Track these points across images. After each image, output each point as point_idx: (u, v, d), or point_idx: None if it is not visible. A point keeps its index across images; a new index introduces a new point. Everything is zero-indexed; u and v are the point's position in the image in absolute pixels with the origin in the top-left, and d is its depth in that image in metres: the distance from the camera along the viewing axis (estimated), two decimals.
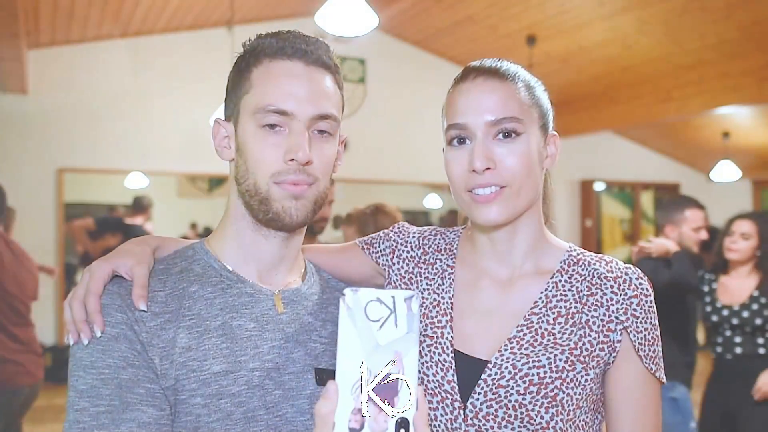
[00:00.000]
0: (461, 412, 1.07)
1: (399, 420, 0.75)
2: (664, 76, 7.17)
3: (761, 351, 3.32)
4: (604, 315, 1.08)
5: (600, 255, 1.17)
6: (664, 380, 1.12)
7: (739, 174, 8.58)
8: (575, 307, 1.10)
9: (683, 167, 10.38)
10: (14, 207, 4.11)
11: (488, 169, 1.06)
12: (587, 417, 1.09)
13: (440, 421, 1.08)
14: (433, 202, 9.78)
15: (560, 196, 9.25)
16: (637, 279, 1.11)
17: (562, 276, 1.14)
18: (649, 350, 1.09)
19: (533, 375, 1.05)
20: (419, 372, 1.10)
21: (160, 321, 0.99)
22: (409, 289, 1.22)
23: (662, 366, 1.12)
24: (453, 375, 1.09)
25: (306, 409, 1.05)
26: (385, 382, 0.76)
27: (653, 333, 1.10)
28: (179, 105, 7.07)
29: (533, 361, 1.06)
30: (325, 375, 1.08)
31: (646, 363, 1.08)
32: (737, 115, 8.07)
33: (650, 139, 9.78)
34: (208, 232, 7.15)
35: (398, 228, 1.31)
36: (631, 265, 1.14)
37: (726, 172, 8.47)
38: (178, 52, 7.13)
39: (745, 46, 6.19)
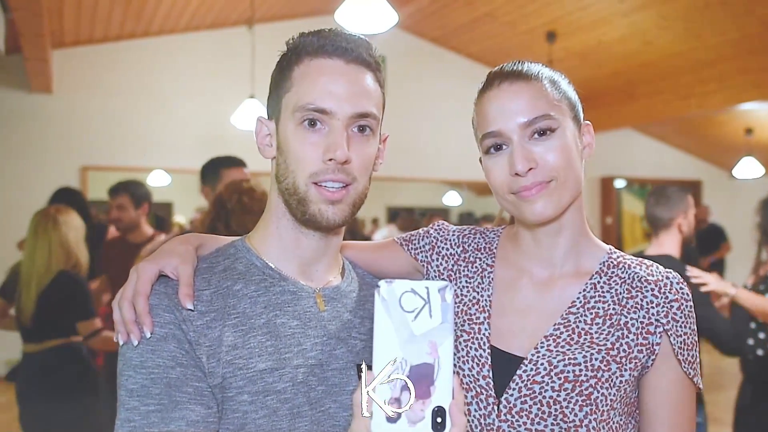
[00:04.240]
0: (495, 407, 1.07)
1: (435, 408, 0.76)
2: (685, 72, 7.11)
3: None
4: (644, 318, 1.08)
5: (640, 258, 1.17)
6: (701, 386, 1.11)
7: (763, 171, 8.47)
8: (613, 309, 1.10)
9: (705, 164, 10.27)
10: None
11: (531, 169, 1.07)
12: (621, 420, 1.09)
13: (474, 416, 1.09)
14: (453, 200, 9.77)
15: None
16: (678, 283, 1.11)
17: (601, 278, 1.14)
18: (688, 354, 1.09)
19: (569, 372, 1.05)
20: (455, 365, 1.11)
21: (206, 320, 1.00)
22: None
23: (699, 372, 1.11)
24: (488, 370, 1.09)
25: (349, 405, 1.06)
26: (383, 383, 0.77)
27: (692, 338, 1.09)
28: (200, 103, 7.12)
29: (569, 359, 1.06)
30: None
31: (684, 367, 1.08)
32: (760, 111, 7.97)
33: (671, 136, 9.70)
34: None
35: (438, 226, 1.31)
36: (671, 270, 1.14)
37: (749, 168, 8.36)
38: (199, 50, 7.19)
39: (767, 41, 6.11)
